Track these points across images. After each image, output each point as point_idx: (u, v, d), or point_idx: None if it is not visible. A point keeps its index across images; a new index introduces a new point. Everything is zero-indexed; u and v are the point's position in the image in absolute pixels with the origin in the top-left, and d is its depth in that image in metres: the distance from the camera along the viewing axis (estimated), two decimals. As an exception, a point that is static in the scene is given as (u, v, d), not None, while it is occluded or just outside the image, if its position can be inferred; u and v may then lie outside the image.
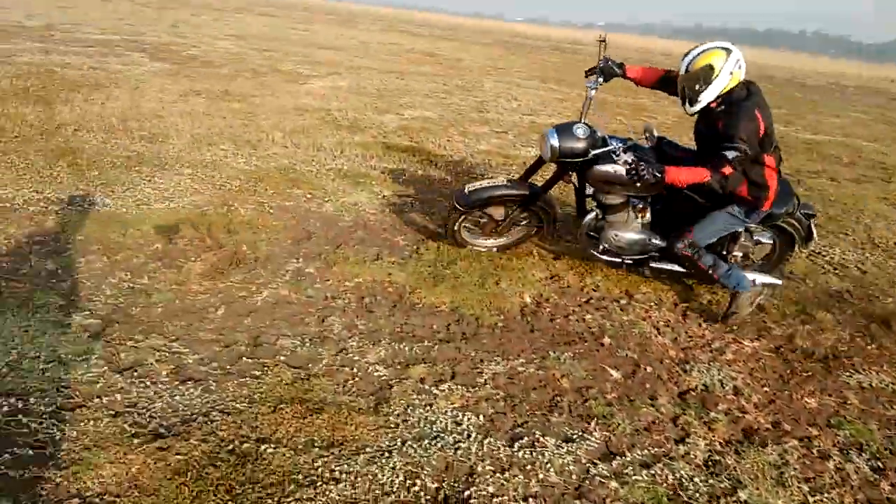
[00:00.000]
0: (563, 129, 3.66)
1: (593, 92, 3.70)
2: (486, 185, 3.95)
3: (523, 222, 4.22)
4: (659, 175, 3.25)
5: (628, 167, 3.29)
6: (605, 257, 3.96)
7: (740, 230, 3.72)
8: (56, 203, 4.27)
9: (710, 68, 3.22)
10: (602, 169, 3.63)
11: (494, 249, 4.28)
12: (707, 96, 3.29)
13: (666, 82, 3.65)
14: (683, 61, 3.34)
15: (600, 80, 3.69)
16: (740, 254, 3.94)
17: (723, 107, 3.29)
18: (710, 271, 3.64)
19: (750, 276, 3.73)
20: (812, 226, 3.87)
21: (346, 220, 4.77)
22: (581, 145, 3.61)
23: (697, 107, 3.36)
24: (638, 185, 3.42)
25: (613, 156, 3.47)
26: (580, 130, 3.63)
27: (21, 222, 3.87)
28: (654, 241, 3.86)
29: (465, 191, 3.95)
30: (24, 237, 3.71)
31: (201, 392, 2.59)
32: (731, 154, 3.16)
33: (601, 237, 3.89)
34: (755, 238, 3.90)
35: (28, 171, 4.76)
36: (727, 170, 3.21)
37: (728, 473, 2.50)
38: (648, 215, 3.86)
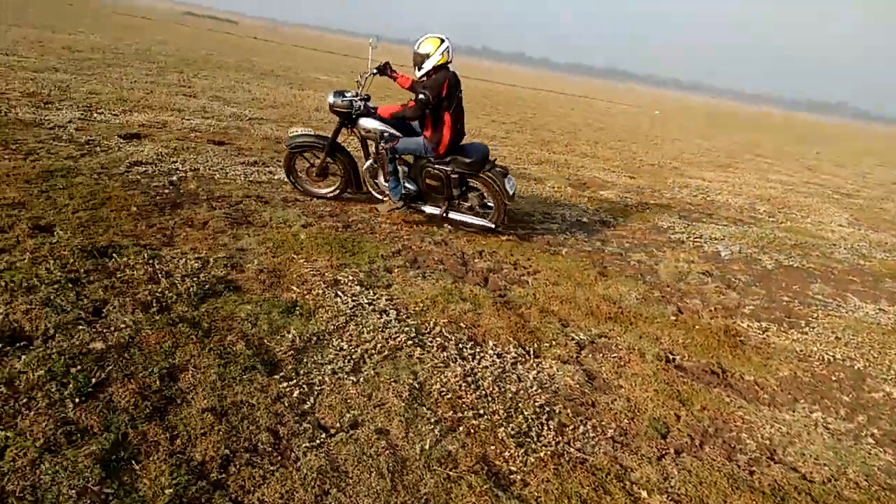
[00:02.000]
0: (337, 93, 5.73)
1: (368, 78, 5.76)
2: (301, 133, 6.01)
3: (337, 171, 6.14)
4: (374, 107, 5.68)
5: (359, 100, 5.67)
6: (381, 197, 6.01)
7: (427, 158, 5.59)
8: None
9: (431, 49, 5.30)
10: (362, 122, 5.76)
11: (328, 196, 6.18)
12: (427, 66, 5.32)
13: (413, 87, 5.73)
14: (417, 41, 5.40)
15: (375, 73, 5.75)
16: (468, 205, 5.79)
17: (433, 75, 5.31)
18: (388, 175, 5.64)
19: (469, 219, 5.77)
20: (507, 183, 5.56)
21: None
22: (345, 103, 5.67)
23: (422, 72, 5.37)
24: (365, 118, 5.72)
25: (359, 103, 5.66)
26: (347, 94, 5.72)
27: None
28: (408, 185, 5.77)
29: (289, 135, 6.01)
30: None
31: None
32: (420, 95, 5.21)
33: (393, 191, 5.75)
34: (471, 187, 5.79)
35: None
36: (411, 103, 5.28)
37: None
38: (404, 167, 5.76)
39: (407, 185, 5.76)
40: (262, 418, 2.66)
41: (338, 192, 6.22)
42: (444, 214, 5.79)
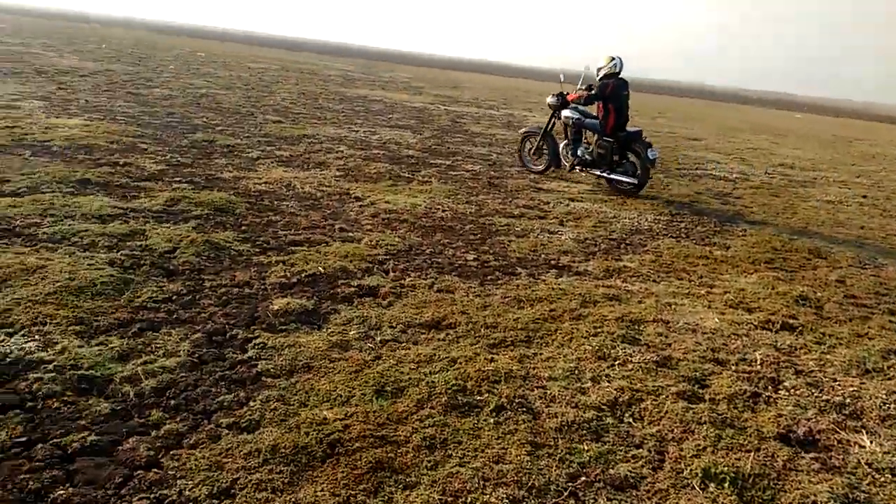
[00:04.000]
0: (551, 96, 9.05)
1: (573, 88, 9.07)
2: (532, 128, 10.10)
3: (545, 153, 9.38)
4: (565, 97, 8.85)
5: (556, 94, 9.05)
6: (572, 166, 8.96)
7: (602, 135, 8.55)
8: None
9: (604, 64, 8.55)
10: (563, 112, 8.91)
11: (540, 171, 9.51)
12: (601, 73, 8.57)
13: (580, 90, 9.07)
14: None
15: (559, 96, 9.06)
16: (622, 169, 8.56)
17: (604, 80, 8.49)
18: (571, 142, 8.92)
19: (622, 177, 8.55)
20: (650, 152, 8.29)
21: None
22: (555, 101, 9.00)
23: (599, 77, 8.60)
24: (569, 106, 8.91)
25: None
26: (558, 95, 8.98)
27: None
28: (586, 156, 8.76)
29: (524, 130, 10.18)
30: None
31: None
32: (594, 90, 8.48)
33: (570, 153, 8.96)
34: (628, 156, 8.52)
35: None
36: (585, 94, 8.56)
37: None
38: (585, 144, 8.89)
39: (585, 156, 8.78)
40: None
41: (546, 167, 9.45)
42: (608, 175, 8.66)
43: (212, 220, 5.45)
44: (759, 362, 3.81)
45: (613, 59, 8.60)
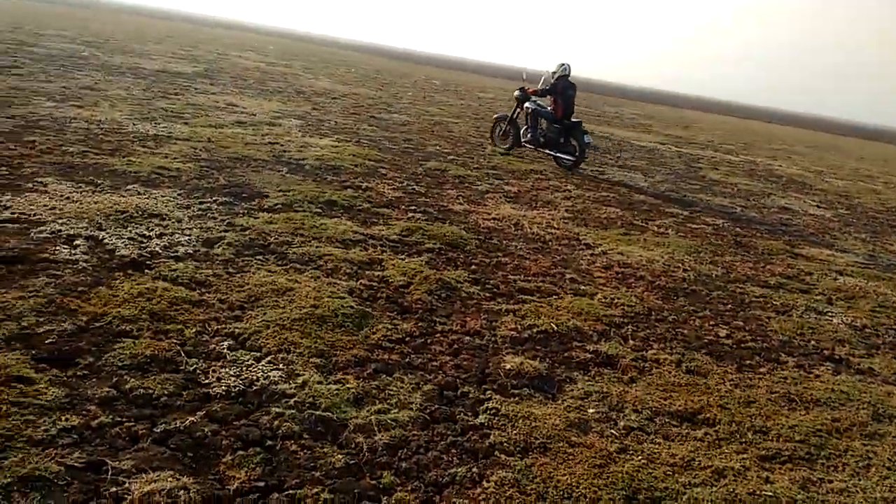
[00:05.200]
0: (518, 89, 11.28)
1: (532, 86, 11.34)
2: (502, 114, 12.34)
3: (511, 135, 11.66)
4: (526, 91, 11.22)
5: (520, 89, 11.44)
6: (528, 144, 11.35)
7: (552, 122, 10.92)
8: None
9: (556, 68, 10.96)
10: (525, 104, 11.19)
11: (504, 150, 11.74)
12: (553, 77, 10.89)
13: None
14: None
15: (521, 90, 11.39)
16: (566, 149, 10.81)
17: (556, 81, 10.85)
18: (530, 127, 11.19)
19: (564, 155, 10.88)
20: (584, 137, 10.68)
21: None
22: (520, 94, 11.21)
23: (553, 79, 10.91)
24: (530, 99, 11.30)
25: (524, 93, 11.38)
26: (521, 90, 11.23)
27: None
28: (540, 139, 11.08)
29: (496, 116, 12.72)
30: None
31: None
32: (546, 87, 10.90)
33: (528, 135, 11.25)
34: (571, 139, 10.80)
35: None
36: (540, 89, 10.95)
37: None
38: (541, 128, 11.17)
39: (540, 137, 11.03)
40: None
41: (510, 146, 11.68)
42: (555, 153, 10.93)
43: (443, 256, 5.40)
44: None
45: (563, 64, 11.00)
